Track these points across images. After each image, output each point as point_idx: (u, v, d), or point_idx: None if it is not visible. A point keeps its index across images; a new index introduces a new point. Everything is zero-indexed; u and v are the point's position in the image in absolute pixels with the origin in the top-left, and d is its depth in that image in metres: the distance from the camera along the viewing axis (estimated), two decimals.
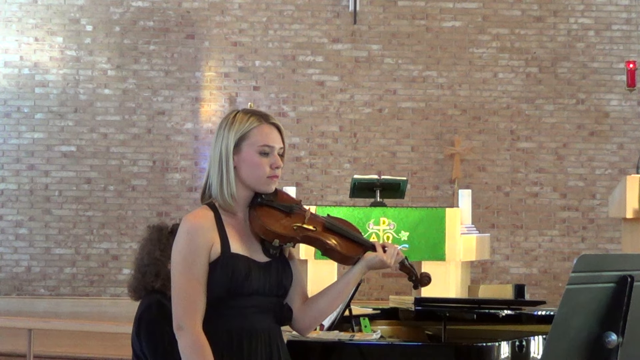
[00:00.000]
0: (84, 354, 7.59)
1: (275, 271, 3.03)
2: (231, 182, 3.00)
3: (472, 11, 11.72)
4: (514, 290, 4.60)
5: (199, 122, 11.58)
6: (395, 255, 3.11)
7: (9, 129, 11.49)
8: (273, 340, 3.04)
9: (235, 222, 3.03)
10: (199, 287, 2.93)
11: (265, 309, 3.01)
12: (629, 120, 11.71)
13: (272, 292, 3.03)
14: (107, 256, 11.40)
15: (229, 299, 2.95)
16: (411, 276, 3.26)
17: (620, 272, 2.51)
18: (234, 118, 3.04)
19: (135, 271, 4.42)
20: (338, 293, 3.10)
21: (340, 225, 3.13)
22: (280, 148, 3.05)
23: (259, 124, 3.02)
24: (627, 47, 11.70)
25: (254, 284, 2.97)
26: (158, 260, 4.36)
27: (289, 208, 3.07)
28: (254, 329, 2.98)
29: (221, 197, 3.01)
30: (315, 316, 3.12)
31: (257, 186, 3.03)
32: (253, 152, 3.00)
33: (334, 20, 11.66)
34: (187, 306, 2.92)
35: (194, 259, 2.93)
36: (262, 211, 3.03)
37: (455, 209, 8.01)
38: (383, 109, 11.61)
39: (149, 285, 4.36)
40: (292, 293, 3.10)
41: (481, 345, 3.82)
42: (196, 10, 11.61)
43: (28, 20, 11.52)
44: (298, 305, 3.11)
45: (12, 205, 11.43)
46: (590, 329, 2.51)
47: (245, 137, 3.01)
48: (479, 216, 10.99)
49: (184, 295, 2.93)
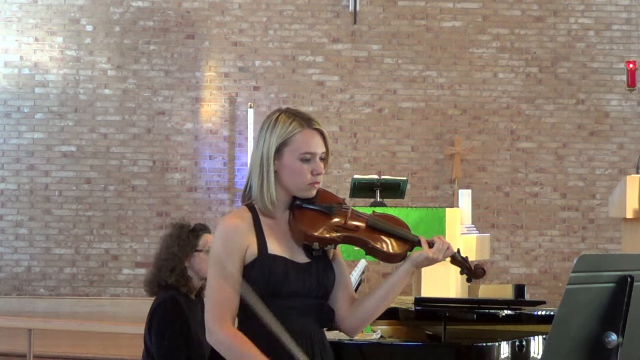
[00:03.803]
0: (84, 354, 7.59)
1: (315, 272, 2.98)
2: (271, 188, 2.95)
3: (472, 11, 11.71)
4: (514, 290, 4.59)
5: (199, 122, 11.58)
6: (445, 250, 3.01)
7: (9, 129, 11.49)
8: (315, 343, 2.97)
9: (275, 223, 2.99)
10: (231, 290, 2.90)
11: (305, 310, 2.96)
12: (629, 120, 11.71)
13: (313, 294, 2.97)
14: (107, 256, 11.40)
15: (267, 300, 2.89)
16: (463, 269, 3.11)
17: (620, 272, 2.51)
18: (276, 120, 2.98)
19: (153, 266, 4.47)
20: (385, 294, 3.03)
21: (384, 223, 3.04)
22: (322, 153, 2.99)
23: (301, 129, 2.96)
24: (627, 47, 11.70)
25: (292, 285, 2.92)
26: (175, 256, 4.39)
27: (329, 209, 3.00)
28: (293, 331, 2.90)
29: (261, 202, 2.97)
30: (362, 318, 3.06)
31: (297, 192, 2.99)
32: (294, 159, 2.95)
33: (334, 20, 11.66)
34: (215, 309, 2.91)
35: (227, 261, 2.91)
36: (301, 214, 2.97)
37: (455, 209, 8.01)
38: (383, 109, 11.61)
39: (163, 281, 4.39)
40: (337, 294, 3.05)
41: (481, 345, 3.82)
42: (196, 10, 11.61)
43: (28, 20, 11.52)
44: (345, 307, 3.05)
45: (12, 205, 11.43)
46: (590, 329, 2.51)
47: (287, 143, 2.95)
48: (479, 216, 11.00)
49: (215, 297, 2.92)
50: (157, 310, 4.33)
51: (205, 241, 4.49)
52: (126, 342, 7.34)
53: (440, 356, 3.90)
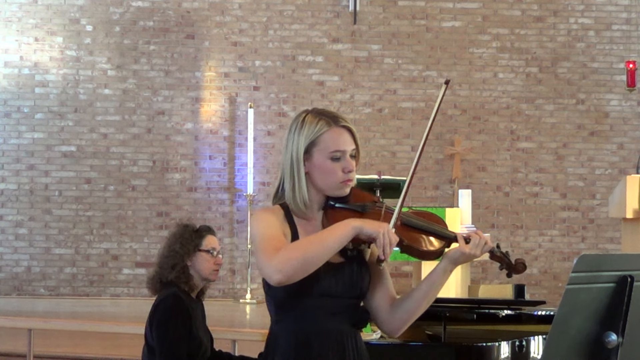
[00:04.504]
0: (84, 354, 7.58)
1: (349, 272, 2.92)
2: (303, 189, 2.92)
3: (472, 11, 11.72)
4: (514, 290, 4.59)
5: (199, 122, 11.58)
6: (482, 246, 2.91)
7: (9, 129, 11.49)
8: (348, 344, 2.92)
9: (308, 223, 2.96)
10: (280, 233, 2.86)
11: (336, 310, 2.91)
12: (629, 120, 11.72)
13: (346, 294, 2.92)
14: (107, 256, 11.40)
15: (297, 299, 2.87)
16: (502, 265, 2.98)
17: (620, 272, 2.51)
18: (303, 121, 2.95)
19: (156, 264, 4.52)
20: (424, 294, 2.95)
21: (418, 219, 2.98)
22: (352, 149, 2.95)
23: (328, 128, 2.92)
24: (627, 47, 11.70)
25: (323, 285, 2.87)
26: (176, 253, 4.43)
27: (362, 207, 2.95)
28: (324, 331, 2.88)
29: (294, 204, 2.94)
30: (403, 318, 2.98)
31: (330, 192, 2.95)
32: (324, 158, 2.91)
33: (334, 20, 11.66)
34: (269, 248, 2.80)
35: (272, 222, 2.89)
36: (334, 214, 2.93)
37: (455, 209, 8.00)
38: (383, 109, 11.61)
39: (164, 277, 4.42)
40: (376, 295, 2.99)
41: (481, 345, 3.83)
42: (196, 10, 11.61)
43: (28, 20, 11.52)
44: (385, 308, 2.99)
45: (12, 205, 11.43)
46: (590, 329, 2.51)
47: (315, 143, 2.92)
48: (479, 216, 10.99)
49: (265, 242, 2.83)
50: (159, 306, 4.36)
51: (208, 242, 4.51)
52: (126, 342, 7.33)
53: (440, 356, 3.90)
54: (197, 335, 4.36)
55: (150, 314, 4.40)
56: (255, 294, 11.09)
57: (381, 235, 2.80)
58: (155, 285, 4.47)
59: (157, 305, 4.38)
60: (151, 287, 4.51)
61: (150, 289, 4.54)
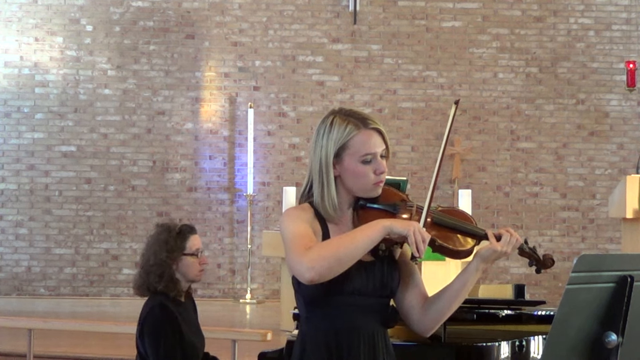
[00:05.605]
0: (84, 354, 7.58)
1: (379, 271, 2.92)
2: (332, 193, 2.91)
3: (472, 11, 11.72)
4: (514, 290, 4.59)
5: (199, 122, 11.58)
6: (513, 243, 2.88)
7: (9, 129, 11.49)
8: (378, 343, 2.93)
9: (336, 224, 2.94)
10: (310, 230, 2.85)
11: (366, 309, 2.91)
12: (629, 120, 11.72)
13: (376, 293, 2.92)
14: (107, 256, 11.40)
15: (328, 297, 2.86)
16: (532, 261, 2.96)
17: (620, 272, 2.51)
18: (331, 125, 2.92)
19: (141, 268, 4.47)
20: (456, 293, 2.94)
21: (449, 218, 2.97)
22: (383, 150, 2.94)
23: (358, 131, 2.90)
24: (627, 47, 11.70)
25: (354, 283, 2.87)
26: (164, 262, 4.39)
27: (393, 207, 2.96)
28: (354, 330, 2.88)
29: (323, 209, 2.92)
30: (435, 318, 2.98)
31: (362, 194, 2.95)
32: (355, 162, 2.90)
33: (334, 20, 11.66)
34: (299, 246, 2.79)
35: (303, 222, 2.87)
36: (365, 214, 2.92)
37: None
38: (383, 109, 11.61)
39: (152, 287, 4.39)
40: (407, 294, 2.98)
41: (481, 345, 3.82)
42: (196, 10, 11.61)
43: (28, 20, 11.52)
44: (418, 307, 2.98)
45: (12, 205, 11.43)
46: (590, 329, 2.51)
47: (345, 147, 2.89)
48: (479, 216, 10.99)
49: (295, 240, 2.81)
50: (147, 318, 4.35)
51: (192, 243, 4.48)
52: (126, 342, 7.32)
53: (440, 356, 3.89)
54: (190, 339, 4.36)
55: (138, 325, 4.39)
56: (255, 294, 11.09)
57: (412, 233, 2.79)
58: (144, 292, 4.46)
59: (145, 318, 4.36)
60: (138, 291, 4.50)
61: (136, 292, 4.53)
